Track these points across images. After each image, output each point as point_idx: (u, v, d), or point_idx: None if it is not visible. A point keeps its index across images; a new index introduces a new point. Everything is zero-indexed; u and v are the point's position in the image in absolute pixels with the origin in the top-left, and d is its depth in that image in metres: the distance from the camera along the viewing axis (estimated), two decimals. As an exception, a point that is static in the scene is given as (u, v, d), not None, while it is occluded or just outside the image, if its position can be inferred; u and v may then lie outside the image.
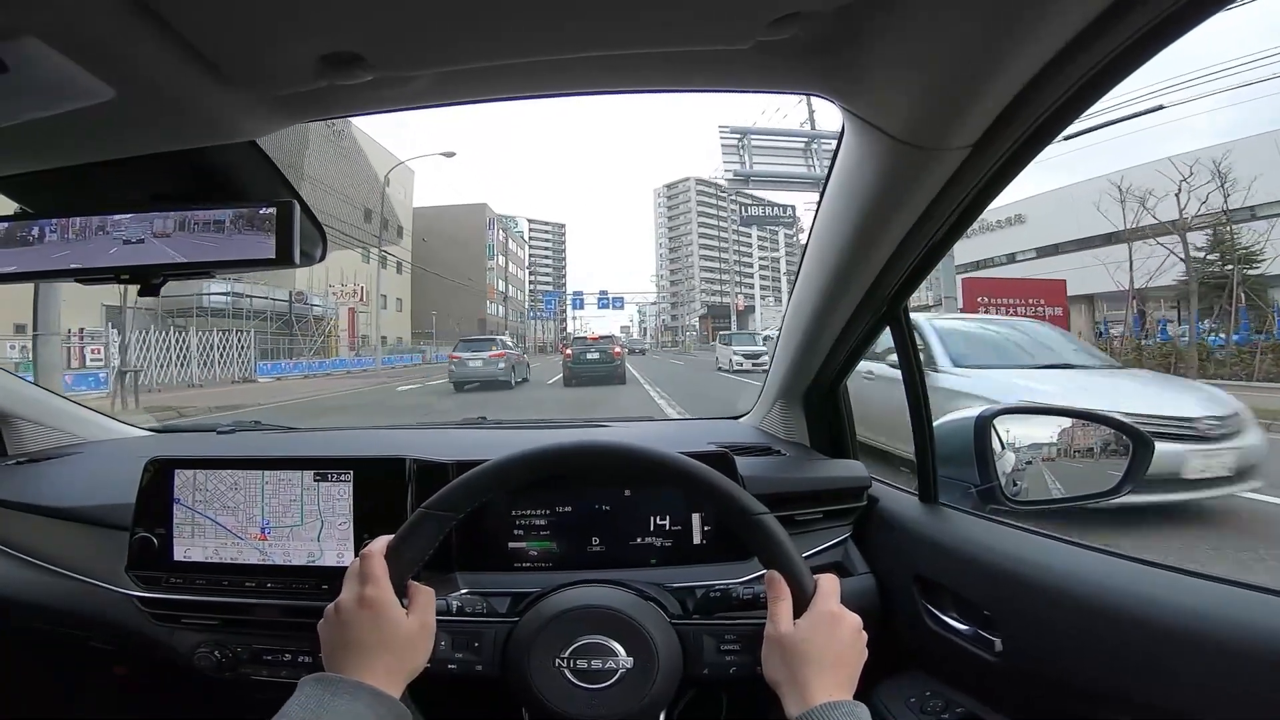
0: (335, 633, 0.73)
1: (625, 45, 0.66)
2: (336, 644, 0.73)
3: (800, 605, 0.76)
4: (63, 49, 0.56)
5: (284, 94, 0.71)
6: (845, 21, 0.62)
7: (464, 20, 0.60)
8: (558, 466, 0.84)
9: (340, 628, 0.73)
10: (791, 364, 1.35)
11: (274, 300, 26.43)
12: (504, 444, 1.38)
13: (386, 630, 0.72)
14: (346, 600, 0.74)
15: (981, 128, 0.71)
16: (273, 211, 0.83)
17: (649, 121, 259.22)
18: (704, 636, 0.86)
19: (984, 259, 26.10)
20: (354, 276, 32.76)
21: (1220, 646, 0.69)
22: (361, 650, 0.71)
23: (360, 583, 0.74)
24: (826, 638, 0.74)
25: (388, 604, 0.73)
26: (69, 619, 1.21)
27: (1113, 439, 1.21)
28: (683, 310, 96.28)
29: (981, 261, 25.82)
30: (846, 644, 0.75)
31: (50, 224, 0.86)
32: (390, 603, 0.73)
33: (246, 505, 1.09)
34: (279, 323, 26.48)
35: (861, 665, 0.76)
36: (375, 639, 0.72)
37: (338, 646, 0.72)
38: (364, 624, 0.72)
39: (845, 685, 0.73)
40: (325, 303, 30.50)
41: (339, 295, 31.31)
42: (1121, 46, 0.57)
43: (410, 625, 0.74)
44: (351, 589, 0.74)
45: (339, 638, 0.73)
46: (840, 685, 0.72)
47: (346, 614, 0.73)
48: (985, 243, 26.13)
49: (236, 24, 0.59)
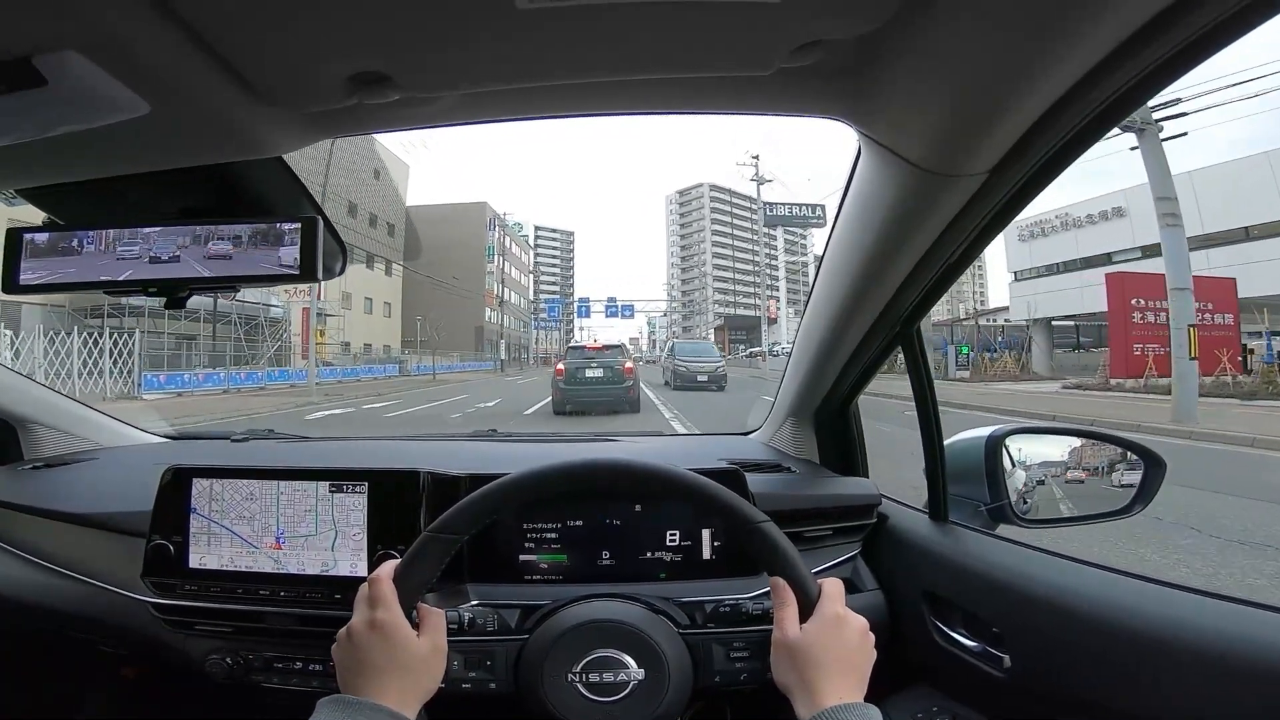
0: (348, 656, 0.74)
1: (649, 70, 0.68)
2: (350, 667, 0.73)
3: (806, 610, 0.76)
4: (102, 63, 0.57)
5: (314, 111, 0.72)
6: (866, 49, 0.63)
7: (489, 45, 0.62)
8: (560, 485, 0.84)
9: (353, 651, 0.74)
10: (803, 382, 1.36)
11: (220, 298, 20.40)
12: (515, 457, 1.40)
13: (399, 653, 0.73)
14: (358, 624, 0.75)
15: (999, 154, 0.72)
16: (297, 227, 0.85)
17: (661, 127, 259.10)
18: (713, 645, 0.87)
19: (1068, 260, 24.17)
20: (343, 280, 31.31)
21: (1229, 664, 0.69)
22: (375, 673, 0.72)
23: (370, 606, 0.75)
24: (833, 640, 0.74)
25: (398, 627, 0.74)
26: (81, 623, 1.22)
27: (1123, 458, 1.21)
28: (696, 321, 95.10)
29: (1067, 264, 24.24)
30: (854, 646, 0.75)
31: (79, 235, 0.87)
32: (400, 625, 0.74)
33: (262, 514, 1.09)
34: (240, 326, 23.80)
35: (870, 666, 0.77)
36: (387, 662, 0.72)
37: (352, 670, 0.73)
38: (376, 647, 0.73)
39: (855, 687, 0.73)
40: (285, 303, 26.49)
41: (291, 293, 25.14)
42: (1144, 72, 0.58)
43: (422, 647, 0.75)
44: (362, 613, 0.75)
45: (353, 661, 0.73)
46: (851, 687, 0.72)
47: (358, 638, 0.74)
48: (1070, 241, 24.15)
49: (272, 43, 0.61)
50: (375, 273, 39.10)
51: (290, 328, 26.80)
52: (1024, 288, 26.38)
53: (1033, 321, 24.60)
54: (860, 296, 1.05)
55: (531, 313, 72.46)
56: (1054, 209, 24.84)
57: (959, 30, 0.58)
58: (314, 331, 24.82)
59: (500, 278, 61.28)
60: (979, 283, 73.46)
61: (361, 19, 0.57)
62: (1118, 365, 16.32)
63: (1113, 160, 10.21)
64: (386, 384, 25.96)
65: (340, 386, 23.03)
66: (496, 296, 59.32)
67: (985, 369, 22.65)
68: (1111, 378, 16.43)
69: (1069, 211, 24.34)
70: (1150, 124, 10.29)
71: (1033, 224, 25.43)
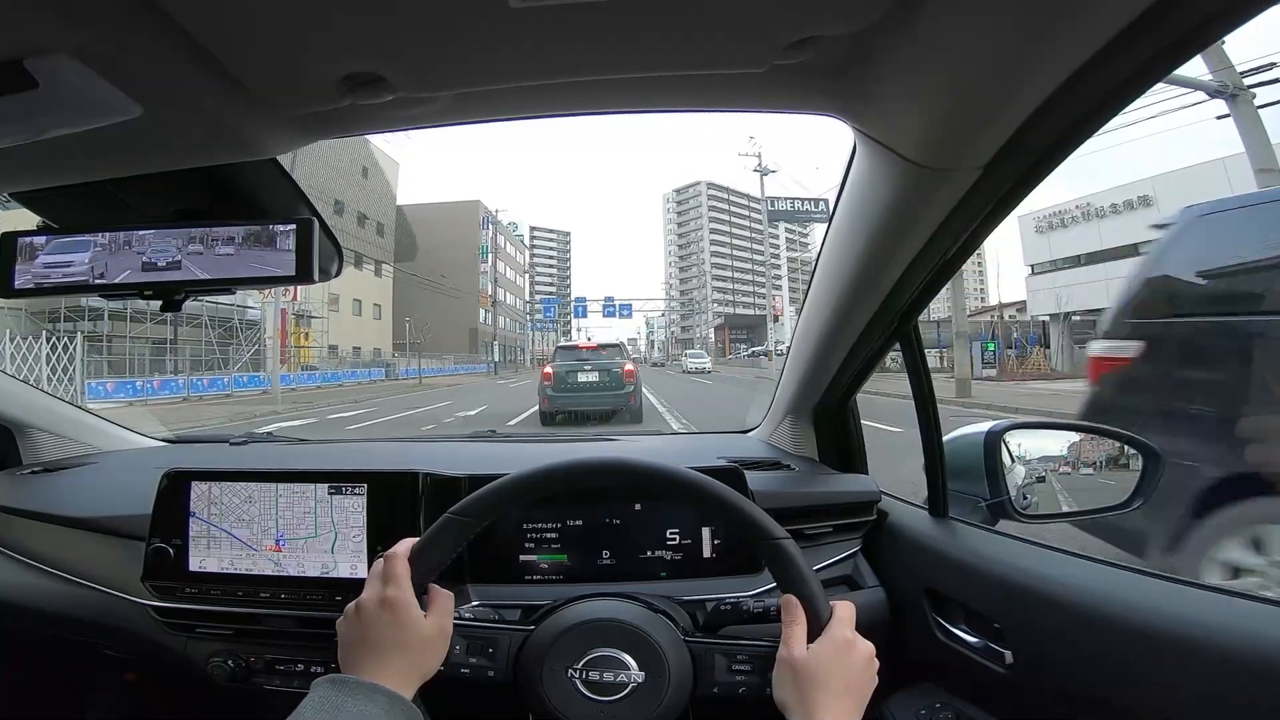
0: (354, 631, 0.74)
1: (642, 68, 0.68)
2: (355, 642, 0.73)
3: (815, 630, 0.76)
4: (94, 65, 0.57)
5: (308, 112, 0.72)
6: (860, 45, 0.63)
7: (483, 44, 0.62)
8: (584, 480, 0.85)
9: (359, 626, 0.74)
10: (801, 379, 1.36)
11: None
12: (515, 458, 1.39)
13: (405, 631, 0.73)
14: (368, 599, 0.75)
15: (994, 148, 0.72)
16: (293, 229, 0.85)
17: (656, 127, 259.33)
18: (716, 655, 0.86)
19: (1087, 252, 22.54)
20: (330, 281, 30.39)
21: (1231, 659, 0.69)
22: (379, 649, 0.72)
23: (383, 583, 0.75)
24: (839, 664, 0.74)
25: (408, 605, 0.74)
26: (82, 627, 1.22)
27: (1122, 453, 1.22)
28: (695, 321, 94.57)
29: (1084, 256, 22.73)
30: (858, 672, 0.75)
31: (73, 239, 0.87)
32: (410, 604, 0.74)
33: (261, 517, 1.09)
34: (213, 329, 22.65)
35: (870, 693, 0.76)
36: (392, 639, 0.73)
37: (356, 644, 0.73)
38: (383, 624, 0.73)
39: (854, 712, 0.72)
40: (262, 304, 24.47)
41: (267, 294, 21.46)
42: (1136, 67, 0.58)
43: (428, 627, 0.75)
44: (374, 588, 0.75)
45: (357, 636, 0.73)
46: (849, 711, 0.72)
47: (366, 613, 0.74)
48: (1092, 232, 22.57)
49: (265, 44, 0.60)
50: (364, 273, 38.33)
51: (266, 331, 24.63)
52: (1041, 281, 25.26)
53: (1063, 316, 23.28)
54: (858, 292, 1.05)
55: (527, 313, 71.54)
56: (1074, 199, 23.73)
57: (952, 25, 0.58)
58: (292, 335, 24.27)
59: (494, 277, 59.96)
60: (980, 279, 73.28)
61: (354, 20, 0.57)
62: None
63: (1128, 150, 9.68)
64: (369, 389, 24.80)
65: (317, 393, 21.65)
66: (490, 297, 58.18)
67: (1014, 366, 21.57)
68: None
69: (1090, 202, 23.48)
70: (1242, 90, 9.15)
71: (1051, 215, 24.29)
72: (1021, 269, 27.50)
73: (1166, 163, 20.50)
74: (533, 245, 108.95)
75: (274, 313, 23.04)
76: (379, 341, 40.02)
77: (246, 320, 25.23)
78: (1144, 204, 20.84)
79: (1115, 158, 11.34)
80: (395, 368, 33.23)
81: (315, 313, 30.13)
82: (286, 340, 26.65)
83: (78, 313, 18.57)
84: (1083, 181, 17.54)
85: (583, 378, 11.19)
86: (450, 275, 46.59)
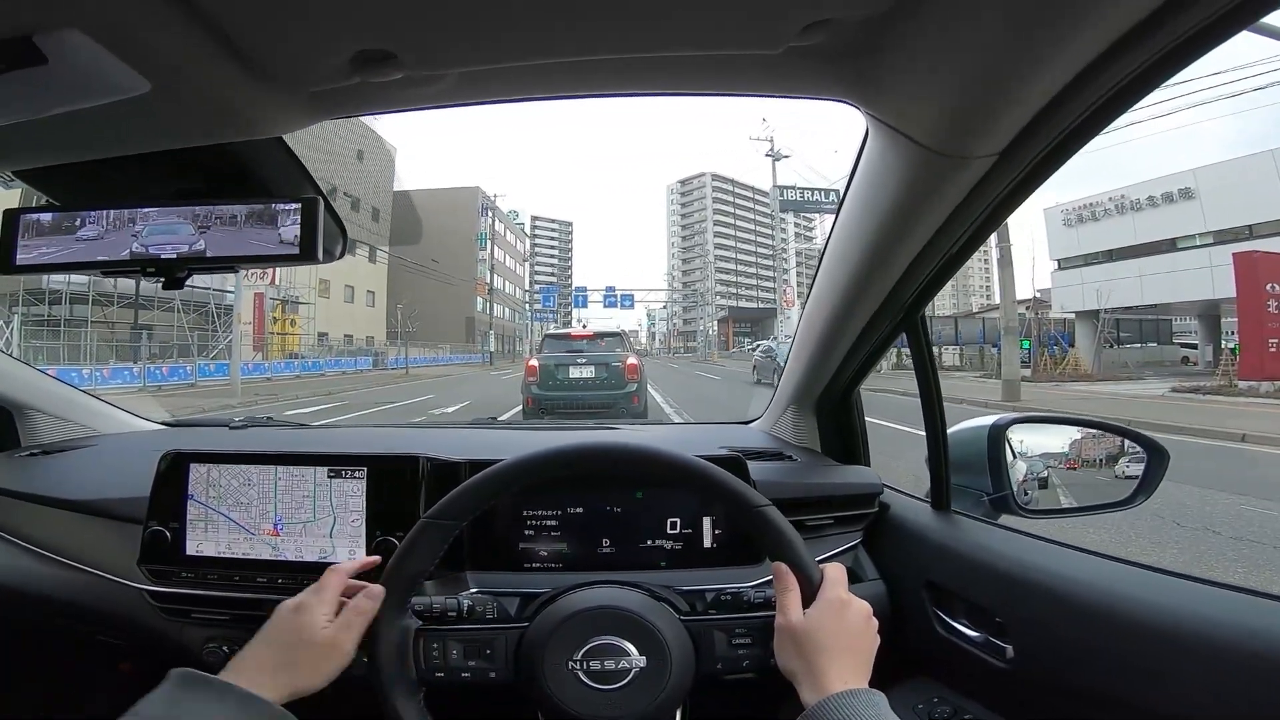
0: (263, 627, 0.78)
1: (655, 48, 0.67)
2: (255, 637, 0.77)
3: (809, 595, 0.77)
4: (104, 41, 0.56)
5: (316, 90, 0.71)
6: (875, 28, 0.62)
7: (495, 20, 0.61)
8: (559, 469, 0.84)
9: (268, 623, 0.78)
10: (805, 370, 1.35)
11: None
12: (514, 444, 1.39)
13: (292, 638, 0.76)
14: (288, 601, 0.79)
15: (1009, 136, 0.71)
16: (297, 207, 0.84)
17: (661, 116, 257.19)
18: (715, 632, 0.87)
19: (1119, 247, 21.62)
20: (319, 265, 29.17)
21: (1231, 653, 0.69)
22: (260, 649, 0.75)
23: (311, 590, 0.79)
24: (837, 624, 0.74)
25: (314, 617, 0.77)
26: (77, 611, 1.21)
27: (1124, 449, 1.21)
28: (698, 313, 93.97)
29: (1116, 251, 21.73)
30: (857, 630, 0.76)
31: (76, 216, 0.86)
32: (316, 616, 0.77)
33: (260, 501, 1.09)
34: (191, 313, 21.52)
35: (874, 650, 0.77)
36: (278, 644, 0.76)
37: (254, 639, 0.77)
38: (281, 626, 0.77)
39: (860, 671, 0.73)
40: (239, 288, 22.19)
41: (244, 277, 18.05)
42: (1156, 55, 0.57)
43: (319, 636, 0.76)
44: (301, 593, 0.79)
45: (261, 632, 0.77)
46: (856, 671, 0.72)
47: (278, 613, 0.78)
48: (1126, 225, 21.44)
49: (275, 21, 0.60)
50: (357, 259, 37.75)
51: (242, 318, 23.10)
52: (1068, 276, 24.28)
53: (1101, 313, 21.72)
54: (865, 282, 1.04)
55: (526, 302, 70.88)
56: (1106, 191, 22.61)
57: (970, 10, 0.57)
58: (277, 321, 23.62)
59: (491, 265, 59.17)
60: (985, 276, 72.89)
61: None
62: (1250, 363, 13.77)
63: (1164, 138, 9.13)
64: (351, 379, 23.04)
65: (291, 383, 20.32)
66: (488, 285, 57.47)
67: (1049, 366, 20.49)
68: (1241, 379, 13.81)
69: (1125, 194, 22.37)
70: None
71: (1081, 208, 23.28)
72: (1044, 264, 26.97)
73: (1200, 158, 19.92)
74: (534, 235, 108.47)
75: (240, 296, 21.36)
76: (371, 329, 39.50)
77: (225, 305, 23.49)
78: (1185, 196, 19.70)
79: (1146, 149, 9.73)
80: (384, 357, 32.41)
81: (303, 299, 29.51)
82: (264, 327, 25.81)
83: (38, 295, 18.05)
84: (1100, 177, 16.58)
85: (575, 373, 9.15)
86: (447, 263, 45.01)
